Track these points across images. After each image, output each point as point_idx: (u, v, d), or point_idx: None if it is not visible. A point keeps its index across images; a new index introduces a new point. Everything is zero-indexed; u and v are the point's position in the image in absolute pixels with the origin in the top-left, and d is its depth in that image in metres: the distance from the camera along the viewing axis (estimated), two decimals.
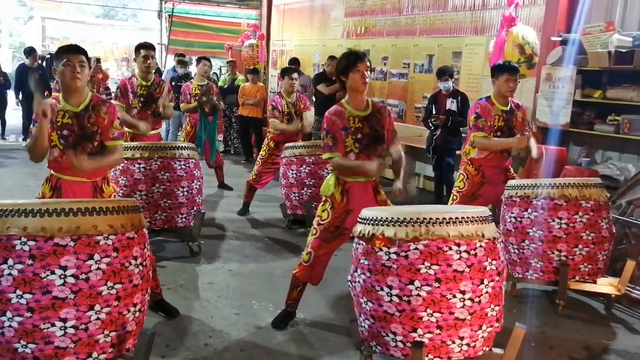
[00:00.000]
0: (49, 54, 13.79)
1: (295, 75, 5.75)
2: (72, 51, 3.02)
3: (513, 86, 4.11)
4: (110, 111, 3.13)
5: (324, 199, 3.30)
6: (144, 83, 5.00)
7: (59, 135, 3.02)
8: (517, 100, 4.44)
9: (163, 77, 8.92)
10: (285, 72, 5.84)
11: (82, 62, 3.01)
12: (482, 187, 4.25)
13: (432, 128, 6.29)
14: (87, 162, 2.96)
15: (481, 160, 4.23)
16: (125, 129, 5.04)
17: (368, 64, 3.18)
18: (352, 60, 3.17)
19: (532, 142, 4.23)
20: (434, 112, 6.24)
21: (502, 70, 4.12)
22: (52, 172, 3.14)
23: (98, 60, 10.81)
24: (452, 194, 4.42)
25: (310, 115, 5.82)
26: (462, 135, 6.18)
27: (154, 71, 5.14)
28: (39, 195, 3.16)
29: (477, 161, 4.25)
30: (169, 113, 5.25)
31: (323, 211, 3.25)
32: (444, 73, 6.22)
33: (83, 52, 3.07)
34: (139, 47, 5.09)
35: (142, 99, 4.97)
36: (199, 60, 7.28)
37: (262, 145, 5.97)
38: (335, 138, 3.17)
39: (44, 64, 12.79)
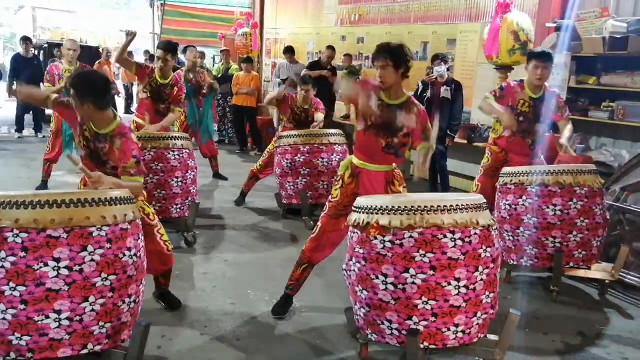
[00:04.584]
0: (47, 42, 13.67)
1: (307, 87, 5.44)
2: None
3: (541, 73, 4.03)
4: (124, 149, 2.85)
5: (338, 177, 3.33)
6: (159, 80, 5.01)
7: (82, 145, 2.98)
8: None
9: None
10: (300, 82, 5.57)
11: None
12: (505, 165, 4.23)
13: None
14: (104, 178, 2.65)
15: (504, 143, 4.29)
16: (134, 118, 5.16)
17: (388, 60, 3.01)
18: (374, 54, 3.10)
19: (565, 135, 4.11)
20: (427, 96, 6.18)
21: (531, 57, 4.11)
22: None
23: (108, 51, 10.91)
24: (479, 170, 4.51)
25: (321, 115, 5.53)
26: (454, 122, 6.14)
27: (171, 72, 5.12)
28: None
29: (500, 142, 4.32)
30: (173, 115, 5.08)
31: (335, 189, 3.29)
32: (437, 57, 6.17)
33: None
34: (158, 47, 5.15)
35: (151, 91, 5.00)
36: (184, 50, 7.18)
37: (273, 139, 5.74)
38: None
39: (41, 53, 12.67)
